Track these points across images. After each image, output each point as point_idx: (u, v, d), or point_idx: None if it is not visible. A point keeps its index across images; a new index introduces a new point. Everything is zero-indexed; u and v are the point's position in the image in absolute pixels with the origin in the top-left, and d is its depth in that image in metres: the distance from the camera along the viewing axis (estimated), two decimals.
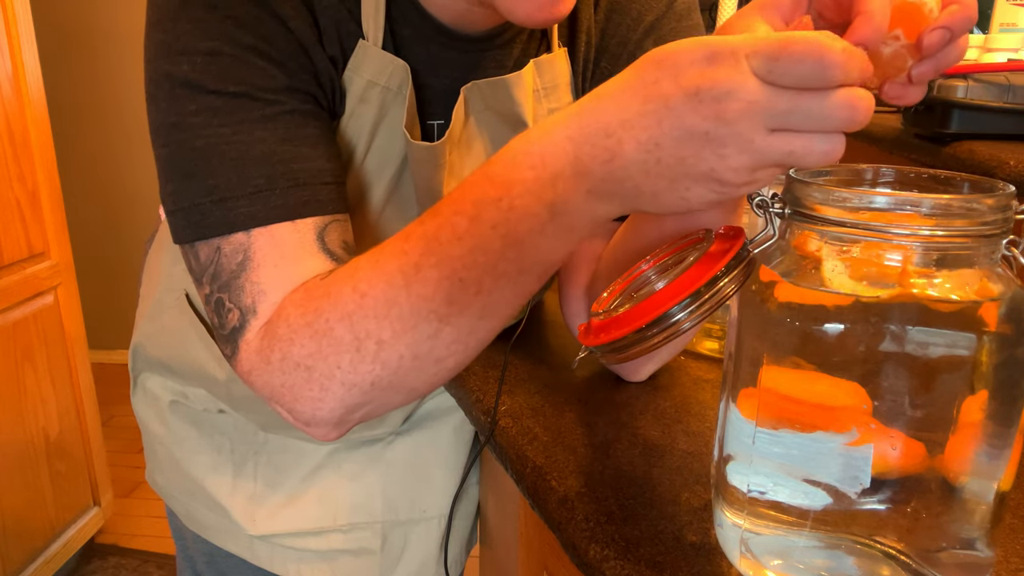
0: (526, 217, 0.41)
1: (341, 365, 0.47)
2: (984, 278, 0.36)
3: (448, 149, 0.62)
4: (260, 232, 0.51)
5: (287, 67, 0.53)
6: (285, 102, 0.53)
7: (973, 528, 0.38)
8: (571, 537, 0.49)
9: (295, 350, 0.48)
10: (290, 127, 0.53)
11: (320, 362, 0.47)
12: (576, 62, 0.67)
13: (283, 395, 0.49)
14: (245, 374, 0.52)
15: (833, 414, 0.37)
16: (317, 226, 0.53)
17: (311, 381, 0.48)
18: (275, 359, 0.49)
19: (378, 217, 0.64)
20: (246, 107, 0.51)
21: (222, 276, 0.52)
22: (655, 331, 0.40)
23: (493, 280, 0.44)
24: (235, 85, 0.51)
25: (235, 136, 0.51)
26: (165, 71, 0.51)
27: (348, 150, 0.60)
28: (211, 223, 0.51)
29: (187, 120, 0.51)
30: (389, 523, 0.79)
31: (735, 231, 0.42)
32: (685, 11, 0.67)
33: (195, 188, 0.51)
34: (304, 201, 0.52)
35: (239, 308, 0.51)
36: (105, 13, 2.65)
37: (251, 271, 0.51)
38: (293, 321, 0.48)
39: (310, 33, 0.55)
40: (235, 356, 0.52)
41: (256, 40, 0.51)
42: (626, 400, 0.64)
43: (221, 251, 0.51)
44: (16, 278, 1.60)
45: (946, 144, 0.79)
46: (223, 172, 0.51)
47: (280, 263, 0.51)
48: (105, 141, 2.78)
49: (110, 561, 1.92)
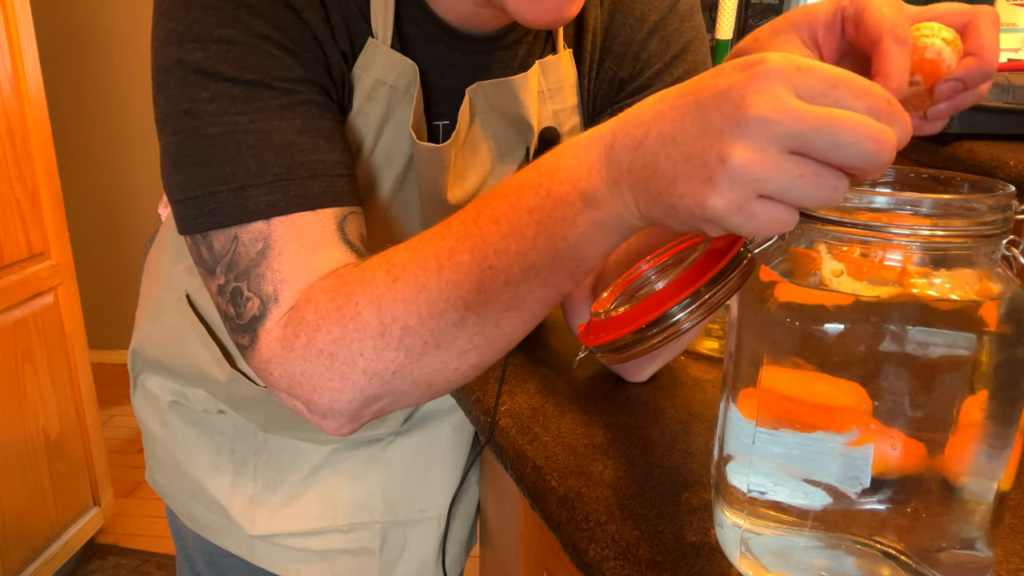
0: (560, 204, 0.41)
1: (364, 352, 0.46)
2: (984, 278, 0.36)
3: (453, 150, 0.62)
4: (281, 220, 0.50)
5: (302, 58, 0.53)
6: (301, 92, 0.53)
7: (973, 528, 0.38)
8: (571, 537, 0.49)
9: (320, 336, 0.47)
10: (307, 117, 0.53)
11: (344, 348, 0.47)
12: (582, 63, 0.67)
13: (302, 384, 0.49)
14: (264, 363, 0.51)
15: (833, 414, 0.37)
16: (337, 216, 0.52)
17: (332, 369, 0.47)
18: (299, 345, 0.48)
19: (383, 215, 0.64)
20: (263, 95, 0.51)
21: (240, 265, 0.51)
22: (655, 331, 0.40)
23: (522, 271, 0.43)
24: (252, 73, 0.50)
25: (252, 124, 0.50)
26: (177, 58, 0.51)
27: (354, 147, 0.60)
28: (228, 212, 0.50)
29: (200, 107, 0.50)
30: (388, 523, 0.79)
31: None
32: (688, 12, 0.67)
33: (209, 176, 0.50)
34: (323, 191, 0.52)
35: (259, 296, 0.50)
36: (105, 13, 2.64)
37: (272, 259, 0.50)
38: (322, 306, 0.48)
39: (323, 26, 0.54)
40: (253, 346, 0.51)
41: (271, 29, 0.51)
42: (626, 400, 0.64)
43: (239, 240, 0.51)
44: (16, 278, 1.60)
45: (946, 144, 0.80)
46: (240, 160, 0.50)
47: (302, 251, 0.50)
48: (105, 141, 2.78)
49: (110, 561, 1.92)
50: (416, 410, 0.79)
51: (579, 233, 0.41)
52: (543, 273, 0.43)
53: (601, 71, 0.68)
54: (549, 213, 0.41)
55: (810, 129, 0.31)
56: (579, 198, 0.40)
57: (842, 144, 0.31)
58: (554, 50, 0.66)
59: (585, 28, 0.66)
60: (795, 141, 0.32)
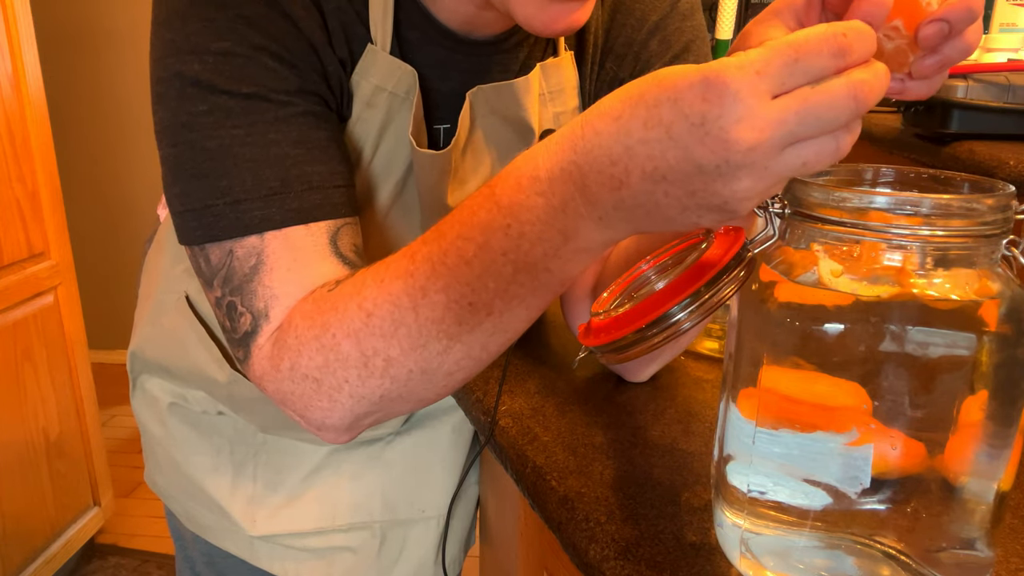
0: (538, 243, 0.40)
1: (349, 379, 0.47)
2: (984, 278, 0.36)
3: (454, 156, 0.62)
4: (274, 235, 0.51)
5: (298, 68, 0.53)
6: (298, 104, 0.53)
7: (973, 528, 0.38)
8: (571, 537, 0.49)
9: (303, 361, 0.48)
10: (303, 129, 0.53)
11: (328, 375, 0.47)
12: (583, 64, 0.67)
13: (294, 403, 0.49)
14: (257, 379, 0.51)
15: (833, 414, 0.37)
16: (330, 230, 0.52)
17: (320, 392, 0.48)
18: (284, 368, 0.49)
19: (383, 221, 0.64)
20: (259, 108, 0.51)
21: (234, 280, 0.51)
22: (655, 331, 0.40)
23: (504, 302, 0.43)
24: (248, 86, 0.51)
25: (248, 138, 0.50)
26: (175, 70, 0.51)
27: (354, 154, 0.60)
28: (224, 225, 0.51)
29: (198, 120, 0.50)
30: (388, 523, 0.79)
31: (735, 231, 0.42)
32: (689, 11, 0.67)
33: (207, 189, 0.51)
34: (318, 204, 0.52)
35: (251, 313, 0.51)
36: (105, 13, 2.64)
37: (264, 275, 0.50)
38: (301, 333, 0.48)
39: (320, 34, 0.54)
40: (247, 361, 0.52)
41: (267, 40, 0.51)
42: (626, 400, 0.64)
43: (233, 254, 0.51)
44: (16, 278, 1.60)
45: (946, 144, 0.80)
46: (237, 174, 0.50)
47: (293, 267, 0.50)
48: (105, 142, 2.78)
49: (110, 561, 1.92)
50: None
51: (562, 263, 0.41)
52: (526, 299, 0.43)
53: (602, 72, 0.68)
54: (526, 253, 0.40)
55: (794, 125, 0.32)
56: (558, 235, 0.39)
57: (824, 119, 0.32)
58: (555, 52, 0.66)
59: (587, 30, 0.66)
60: (787, 140, 0.32)
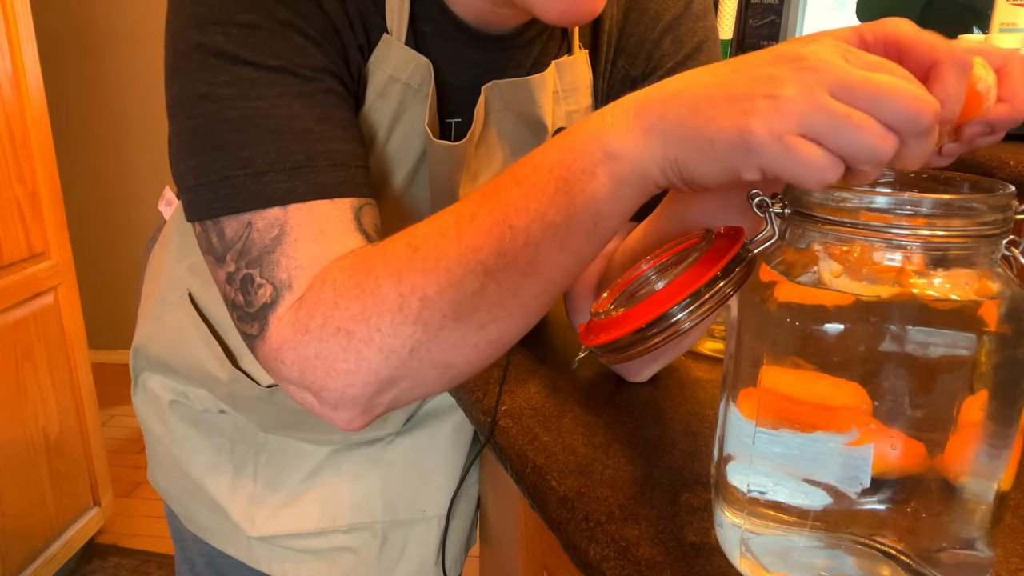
0: (580, 157, 0.41)
1: (382, 327, 0.46)
2: (984, 278, 0.36)
3: (468, 149, 0.62)
4: (298, 207, 0.50)
5: (323, 47, 0.53)
6: (322, 80, 0.52)
7: (973, 528, 0.38)
8: (571, 537, 0.49)
9: (338, 313, 0.47)
10: (327, 106, 0.52)
11: (362, 324, 0.46)
12: (597, 63, 0.67)
13: (315, 369, 0.47)
14: (274, 351, 0.49)
15: (833, 414, 0.37)
16: (354, 206, 0.52)
17: (348, 349, 0.46)
18: (314, 326, 0.47)
19: (392, 212, 0.64)
20: (284, 81, 0.50)
21: (252, 251, 0.50)
22: (655, 331, 0.40)
23: (541, 230, 0.43)
24: (274, 59, 0.50)
25: (273, 110, 0.50)
26: (196, 41, 0.50)
27: (366, 142, 0.60)
28: (245, 197, 0.50)
29: (219, 91, 0.50)
30: (388, 523, 0.79)
31: (735, 231, 0.42)
32: (702, 11, 0.68)
33: (225, 161, 0.50)
34: (342, 181, 0.52)
35: (272, 283, 0.50)
36: (105, 13, 2.65)
37: (287, 246, 0.49)
38: (340, 284, 0.47)
39: (342, 18, 0.54)
40: (262, 334, 0.50)
41: (294, 17, 0.51)
42: (626, 400, 0.64)
43: (253, 226, 0.50)
44: (16, 278, 1.60)
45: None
46: (260, 145, 0.49)
47: (319, 238, 0.50)
48: (105, 142, 2.78)
49: (110, 561, 1.92)
50: (417, 409, 0.79)
51: (597, 185, 0.41)
52: (561, 232, 0.43)
53: (615, 70, 0.68)
54: (569, 167, 0.42)
55: (857, 82, 0.33)
56: (600, 149, 0.41)
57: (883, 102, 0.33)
58: (569, 50, 0.66)
59: (601, 28, 0.66)
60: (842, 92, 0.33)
